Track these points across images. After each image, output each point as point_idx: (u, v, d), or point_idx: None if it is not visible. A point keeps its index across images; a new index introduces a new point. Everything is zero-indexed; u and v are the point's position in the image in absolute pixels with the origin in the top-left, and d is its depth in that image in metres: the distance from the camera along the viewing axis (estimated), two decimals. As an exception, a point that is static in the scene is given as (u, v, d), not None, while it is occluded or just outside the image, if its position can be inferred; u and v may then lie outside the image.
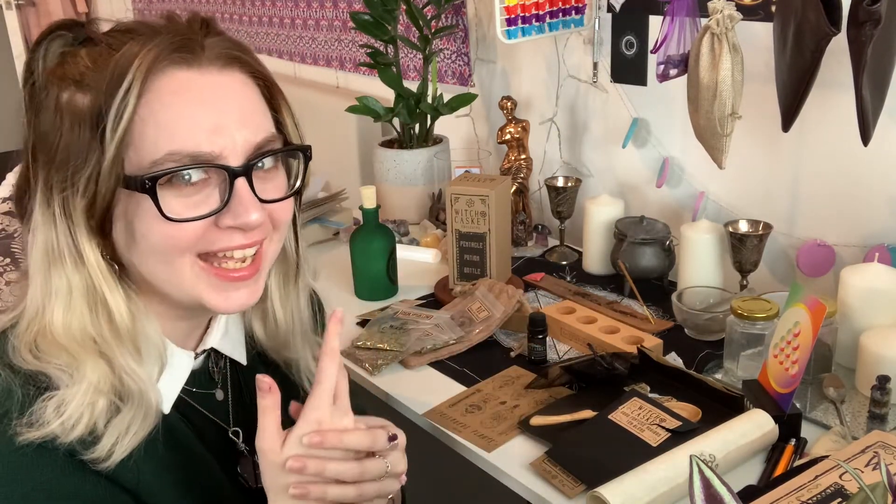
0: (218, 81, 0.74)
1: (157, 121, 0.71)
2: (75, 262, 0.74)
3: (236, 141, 0.73)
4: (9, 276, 1.94)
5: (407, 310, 1.51)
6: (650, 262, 1.55)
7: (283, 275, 0.89)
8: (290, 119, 0.82)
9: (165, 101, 0.71)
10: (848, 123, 1.25)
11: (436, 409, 1.23)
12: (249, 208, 0.74)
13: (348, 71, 2.64)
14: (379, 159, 2.01)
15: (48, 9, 4.46)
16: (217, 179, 0.74)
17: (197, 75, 0.73)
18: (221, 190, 0.74)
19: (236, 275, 0.77)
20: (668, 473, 0.97)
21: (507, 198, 1.59)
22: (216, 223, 0.74)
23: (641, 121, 1.75)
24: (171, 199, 0.72)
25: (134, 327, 0.76)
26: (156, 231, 0.72)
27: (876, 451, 0.95)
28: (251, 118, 0.76)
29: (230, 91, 0.75)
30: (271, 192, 0.77)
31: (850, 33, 1.13)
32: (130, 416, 0.74)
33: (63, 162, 0.72)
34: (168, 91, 0.71)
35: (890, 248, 1.36)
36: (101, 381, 0.73)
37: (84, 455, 0.72)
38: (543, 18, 1.69)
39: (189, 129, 0.71)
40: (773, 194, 1.55)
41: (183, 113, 0.72)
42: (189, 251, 0.74)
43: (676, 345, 1.36)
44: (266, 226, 0.78)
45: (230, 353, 0.90)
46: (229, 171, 0.73)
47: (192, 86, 0.73)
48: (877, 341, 1.17)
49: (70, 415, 0.71)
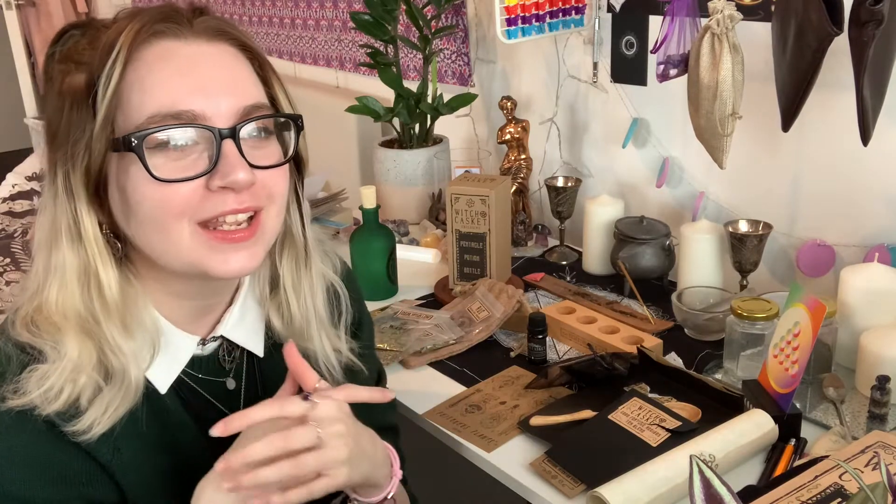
0: (205, 51, 0.77)
1: (142, 85, 0.73)
2: (73, 238, 0.76)
3: (220, 105, 0.75)
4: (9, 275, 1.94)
5: (407, 310, 1.51)
6: (650, 262, 1.55)
7: (294, 260, 0.90)
8: (282, 93, 0.83)
9: (152, 67, 0.74)
10: (848, 123, 1.25)
11: (436, 409, 1.23)
12: (237, 167, 0.75)
13: (348, 71, 2.64)
14: (379, 159, 2.01)
15: (48, 9, 4.46)
16: (206, 145, 0.75)
17: (183, 45, 0.76)
18: (210, 153, 0.75)
19: (234, 236, 0.77)
20: (668, 473, 0.97)
21: (507, 198, 1.59)
22: (207, 186, 0.75)
23: (641, 121, 1.75)
24: (161, 162, 0.74)
25: (123, 303, 0.78)
26: (148, 196, 0.74)
27: (876, 451, 0.95)
28: (238, 85, 0.78)
29: (217, 59, 0.77)
30: (262, 160, 0.78)
31: (852, 33, 1.13)
32: (112, 392, 0.77)
33: (64, 139, 0.75)
34: (154, 57, 0.74)
35: (890, 248, 1.36)
36: (82, 357, 0.75)
37: (65, 427, 0.75)
38: (543, 18, 1.69)
39: (172, 90, 0.74)
40: (773, 194, 1.55)
41: (167, 76, 0.74)
42: (184, 217, 0.75)
43: (676, 345, 1.36)
44: (258, 193, 0.78)
45: (244, 343, 0.90)
46: (215, 132, 0.74)
47: (178, 53, 0.75)
48: (877, 341, 1.17)
49: (50, 387, 0.74)
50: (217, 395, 0.89)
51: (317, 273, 0.91)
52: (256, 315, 0.91)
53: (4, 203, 2.73)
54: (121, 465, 0.79)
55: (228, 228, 0.77)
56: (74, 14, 4.54)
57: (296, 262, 0.90)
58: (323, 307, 0.93)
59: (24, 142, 4.97)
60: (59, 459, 0.76)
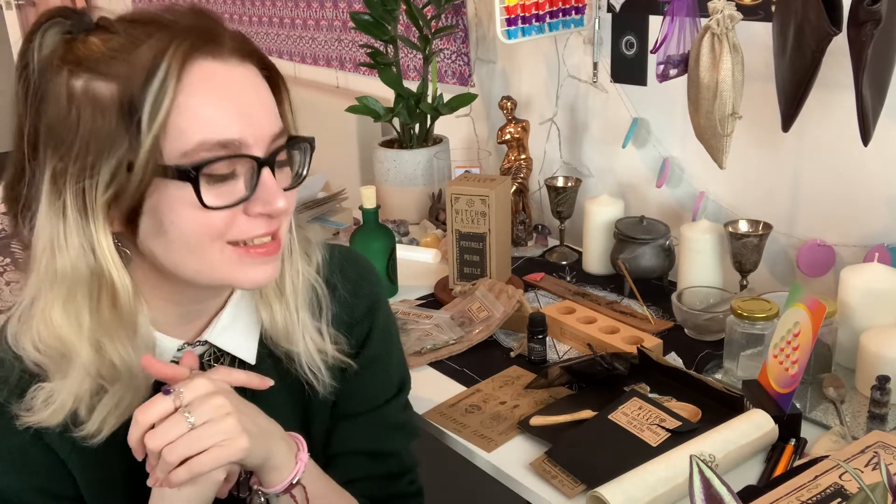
0: (240, 73, 0.76)
1: (189, 109, 0.72)
2: (82, 251, 0.74)
3: (261, 130, 0.76)
4: (9, 275, 1.94)
5: (407, 310, 1.51)
6: (650, 262, 1.55)
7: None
8: (290, 112, 0.84)
9: (196, 90, 0.72)
10: (848, 123, 1.25)
11: (436, 409, 1.23)
12: (277, 196, 0.76)
13: (348, 71, 2.64)
14: (379, 159, 2.01)
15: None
16: (242, 169, 0.76)
17: (222, 66, 0.75)
18: (247, 179, 0.76)
19: (261, 250, 0.79)
20: (668, 473, 0.97)
21: (507, 198, 1.59)
22: (245, 211, 0.76)
23: (641, 121, 1.75)
24: (205, 188, 0.73)
25: (134, 308, 0.78)
26: (190, 220, 0.74)
27: (876, 451, 0.95)
28: (269, 110, 0.78)
29: (249, 83, 0.77)
30: (284, 182, 0.80)
31: (851, 33, 1.13)
32: (121, 392, 0.78)
33: (82, 152, 0.71)
34: (198, 80, 0.72)
35: (890, 248, 1.36)
36: (89, 367, 0.76)
37: (74, 433, 0.77)
38: (543, 18, 1.69)
39: (219, 118, 0.73)
40: (773, 194, 1.55)
41: (212, 102, 0.73)
42: (220, 238, 0.76)
43: (676, 345, 1.36)
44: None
45: (232, 349, 0.89)
46: (258, 160, 0.75)
47: (218, 76, 0.74)
48: (877, 341, 1.17)
49: (57, 405, 0.76)
50: None
51: (301, 274, 0.90)
52: (251, 320, 0.90)
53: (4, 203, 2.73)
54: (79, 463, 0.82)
55: (256, 244, 0.79)
56: (74, 14, 4.54)
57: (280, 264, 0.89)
58: (306, 308, 0.91)
59: (24, 142, 4.96)
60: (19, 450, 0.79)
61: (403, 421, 1.03)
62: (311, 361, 0.91)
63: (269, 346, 0.91)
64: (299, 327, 0.90)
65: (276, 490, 0.84)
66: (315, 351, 0.91)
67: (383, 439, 1.00)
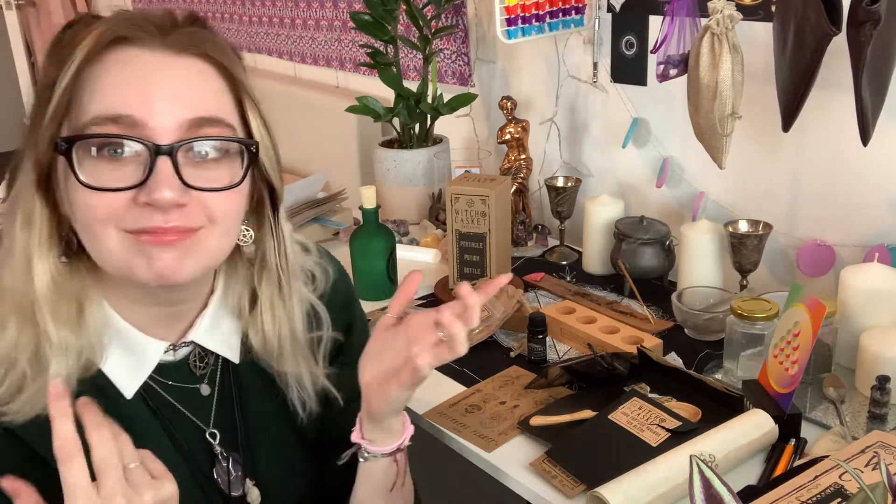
0: (167, 62, 0.75)
1: (92, 87, 0.73)
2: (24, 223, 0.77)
3: (164, 116, 0.73)
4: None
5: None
6: (650, 262, 1.55)
7: (272, 285, 0.88)
8: (256, 118, 0.81)
9: (108, 70, 0.74)
10: (848, 123, 1.25)
11: (436, 409, 1.23)
12: (163, 185, 0.72)
13: (348, 71, 2.64)
14: (379, 159, 2.01)
15: (48, 9, 4.46)
16: (144, 157, 0.74)
17: (147, 53, 0.75)
18: (145, 167, 0.74)
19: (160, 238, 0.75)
20: (668, 473, 0.97)
21: (507, 198, 1.59)
22: (135, 199, 0.74)
23: (641, 121, 1.75)
24: (98, 169, 0.73)
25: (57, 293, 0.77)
26: (78, 200, 0.74)
27: (876, 451, 0.95)
28: (190, 98, 0.75)
29: (177, 72, 0.76)
30: (204, 181, 0.76)
31: (850, 33, 1.13)
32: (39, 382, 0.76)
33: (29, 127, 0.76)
34: (112, 61, 0.74)
35: (890, 248, 1.36)
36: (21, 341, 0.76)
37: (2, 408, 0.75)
38: (543, 18, 1.69)
39: (117, 95, 0.73)
40: (773, 194, 1.55)
41: (118, 81, 0.73)
42: (110, 223, 0.74)
43: (676, 345, 1.36)
44: (193, 213, 0.76)
45: (217, 350, 0.89)
46: (150, 147, 0.73)
47: (137, 60, 0.74)
48: (877, 341, 1.17)
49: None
50: (190, 402, 0.88)
51: (296, 299, 0.90)
52: (231, 326, 0.90)
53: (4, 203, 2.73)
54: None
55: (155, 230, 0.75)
56: (74, 14, 4.53)
57: (273, 287, 0.88)
58: (301, 331, 0.91)
59: (24, 142, 4.97)
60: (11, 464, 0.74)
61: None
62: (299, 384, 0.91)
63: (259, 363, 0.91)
64: (291, 349, 0.90)
65: (384, 450, 0.89)
66: (307, 373, 0.91)
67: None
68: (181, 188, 0.74)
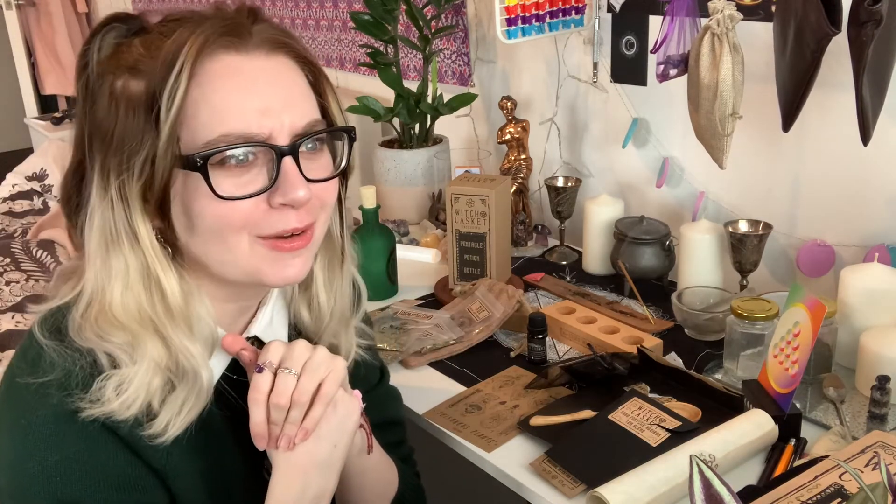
0: (265, 66, 0.77)
1: (208, 103, 0.73)
2: (132, 243, 0.76)
3: (283, 123, 0.76)
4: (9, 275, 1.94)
5: (407, 310, 1.51)
6: (650, 262, 1.55)
7: (329, 260, 0.90)
8: (335, 103, 0.84)
9: (216, 85, 0.74)
10: (848, 123, 1.25)
11: (436, 409, 1.23)
12: (297, 185, 0.76)
13: (348, 71, 2.65)
14: (379, 159, 2.01)
15: (48, 9, 4.46)
16: (265, 159, 0.76)
17: (245, 59, 0.76)
18: (269, 169, 0.76)
19: (291, 244, 0.79)
20: (668, 473, 0.97)
21: (507, 198, 1.59)
22: (268, 202, 0.76)
23: (641, 121, 1.75)
24: (223, 179, 0.74)
25: (187, 307, 0.78)
26: (210, 210, 0.75)
27: (876, 451, 0.95)
28: (297, 101, 0.78)
29: (276, 75, 0.77)
30: (317, 172, 0.79)
31: (851, 33, 1.13)
32: (185, 394, 0.78)
33: (119, 147, 0.74)
34: (218, 75, 0.74)
35: (890, 248, 1.36)
36: (159, 359, 0.76)
37: (143, 430, 0.76)
38: (543, 18, 1.69)
39: (240, 112, 0.74)
40: (773, 194, 1.55)
41: (233, 96, 0.74)
42: (244, 231, 0.76)
43: (676, 345, 1.36)
44: (313, 205, 0.79)
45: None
46: (276, 150, 0.75)
47: (240, 70, 0.75)
48: (877, 341, 1.17)
49: (130, 394, 0.75)
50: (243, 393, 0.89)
51: (347, 273, 0.93)
52: (283, 314, 0.92)
53: (4, 203, 2.73)
54: (172, 470, 0.80)
55: (286, 238, 0.79)
56: (74, 14, 4.54)
57: (329, 261, 0.91)
58: (349, 306, 0.94)
59: (24, 142, 4.96)
60: (116, 465, 0.76)
61: (394, 390, 1.12)
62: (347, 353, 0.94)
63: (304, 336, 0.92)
64: (343, 322, 0.93)
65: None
66: (352, 343, 0.95)
67: (389, 409, 1.08)
68: (306, 184, 0.77)
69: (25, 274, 1.95)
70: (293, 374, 0.79)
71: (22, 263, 1.98)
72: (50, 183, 2.88)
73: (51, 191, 2.85)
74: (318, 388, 0.80)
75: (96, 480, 0.75)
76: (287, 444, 0.80)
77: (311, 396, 0.79)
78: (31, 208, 2.71)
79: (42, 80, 4.59)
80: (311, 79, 0.82)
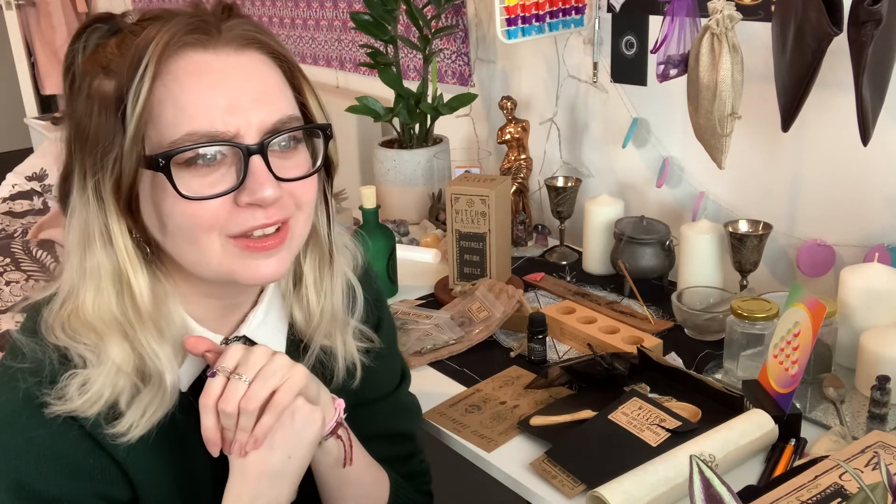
0: (234, 63, 0.76)
1: (174, 102, 0.73)
2: (105, 243, 0.76)
3: (251, 120, 0.74)
4: (9, 275, 1.94)
5: (407, 310, 1.51)
6: (650, 262, 1.55)
7: (318, 259, 0.89)
8: (313, 99, 0.82)
9: (182, 83, 0.73)
10: (848, 123, 1.25)
11: (436, 409, 1.23)
12: (265, 184, 0.74)
13: (348, 71, 2.64)
14: (379, 159, 2.01)
15: (48, 9, 4.46)
16: (233, 158, 0.75)
17: (213, 57, 0.75)
18: (237, 168, 0.75)
19: (264, 244, 0.78)
20: (668, 473, 0.97)
21: (507, 198, 1.59)
22: (236, 201, 0.75)
23: (641, 121, 1.75)
24: (189, 178, 0.73)
25: (157, 309, 0.78)
26: (178, 211, 0.74)
27: (876, 451, 0.95)
28: (267, 98, 0.77)
29: (246, 72, 0.76)
30: (290, 171, 0.78)
31: (851, 33, 1.13)
32: (149, 396, 0.77)
33: (93, 145, 0.74)
34: (184, 72, 0.73)
35: (890, 248, 1.36)
36: (123, 361, 0.76)
37: (105, 429, 0.76)
38: (543, 18, 1.69)
39: (205, 110, 0.73)
40: (773, 194, 1.55)
41: (199, 94, 0.73)
42: (214, 230, 0.76)
43: (676, 345, 1.36)
44: (286, 204, 0.78)
45: (265, 343, 0.89)
46: (243, 148, 0.74)
47: (208, 67, 0.74)
48: (877, 341, 1.17)
49: (93, 393, 0.75)
50: None
51: (338, 273, 0.91)
52: (280, 313, 0.91)
53: (4, 203, 2.73)
54: (135, 465, 0.80)
55: (258, 236, 0.78)
56: (74, 14, 4.54)
57: (319, 261, 0.90)
58: (342, 306, 0.93)
59: (24, 142, 4.97)
60: (77, 454, 0.77)
61: (412, 402, 1.10)
62: (346, 357, 0.93)
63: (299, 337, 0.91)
64: (336, 323, 0.91)
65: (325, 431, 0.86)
66: (353, 348, 0.93)
67: (399, 421, 1.06)
68: (275, 183, 0.76)
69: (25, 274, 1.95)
70: (244, 380, 0.77)
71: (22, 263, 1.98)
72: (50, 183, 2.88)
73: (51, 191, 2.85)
74: (271, 396, 0.78)
75: (54, 466, 0.76)
76: (239, 450, 0.79)
77: (263, 404, 0.78)
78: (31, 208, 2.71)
79: (42, 80, 4.59)
80: (287, 75, 0.80)
